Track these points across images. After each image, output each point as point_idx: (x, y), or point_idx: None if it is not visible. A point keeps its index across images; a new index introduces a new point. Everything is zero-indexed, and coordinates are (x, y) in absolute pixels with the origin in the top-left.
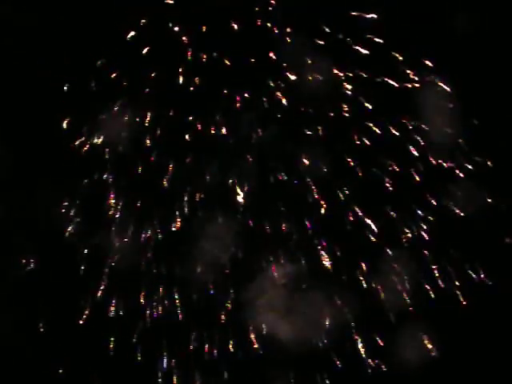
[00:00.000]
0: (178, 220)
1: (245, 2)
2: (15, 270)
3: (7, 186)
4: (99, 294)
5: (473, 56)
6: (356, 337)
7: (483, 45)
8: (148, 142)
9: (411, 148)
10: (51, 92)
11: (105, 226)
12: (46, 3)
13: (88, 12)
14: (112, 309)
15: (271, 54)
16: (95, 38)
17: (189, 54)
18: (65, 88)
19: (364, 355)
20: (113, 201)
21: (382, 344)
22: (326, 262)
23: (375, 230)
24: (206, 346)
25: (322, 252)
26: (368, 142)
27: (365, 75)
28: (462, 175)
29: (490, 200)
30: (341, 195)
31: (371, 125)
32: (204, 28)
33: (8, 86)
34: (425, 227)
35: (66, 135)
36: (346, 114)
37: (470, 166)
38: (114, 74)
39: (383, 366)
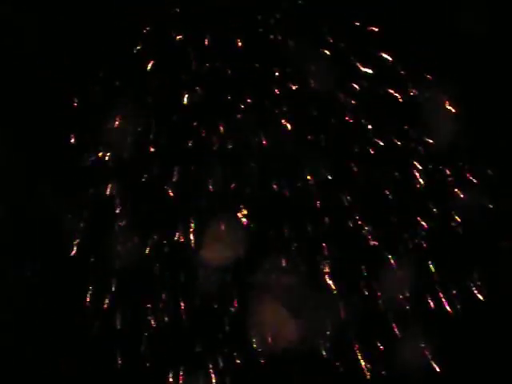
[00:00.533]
0: (182, 229)
1: (247, 11)
2: (17, 275)
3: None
4: (106, 302)
5: (477, 67)
6: (356, 343)
7: (488, 55)
8: (151, 149)
9: (413, 157)
10: (52, 94)
11: (110, 236)
12: (46, 3)
13: (88, 13)
14: (118, 317)
15: (275, 62)
16: (96, 38)
17: (192, 62)
18: (75, 104)
19: (363, 360)
20: (117, 210)
21: (381, 350)
22: (327, 269)
23: (377, 237)
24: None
25: (323, 258)
26: (371, 151)
27: (367, 84)
28: (463, 183)
29: (491, 206)
30: (344, 201)
31: (374, 134)
32: (207, 39)
33: (8, 87)
34: (426, 236)
35: (66, 139)
36: (351, 120)
37: (471, 177)
38: (115, 76)
39: (383, 372)
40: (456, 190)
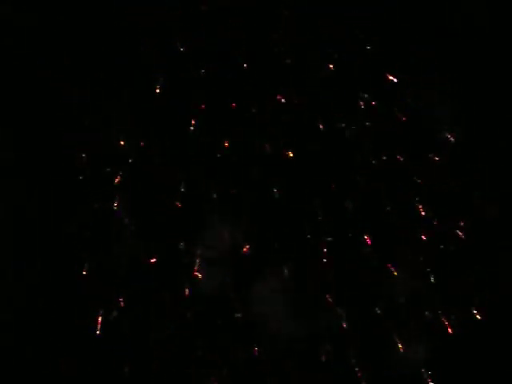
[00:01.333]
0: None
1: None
2: (17, 275)
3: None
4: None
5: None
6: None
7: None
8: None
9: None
10: (52, 94)
11: (115, 248)
12: (46, 3)
13: (88, 13)
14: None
15: (277, 71)
16: (96, 38)
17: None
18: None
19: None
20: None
21: (379, 357)
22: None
23: (376, 249)
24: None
25: (323, 267)
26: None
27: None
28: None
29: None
30: (345, 210)
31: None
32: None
33: (8, 87)
34: (426, 246)
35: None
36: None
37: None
38: (116, 78)
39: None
40: (457, 198)
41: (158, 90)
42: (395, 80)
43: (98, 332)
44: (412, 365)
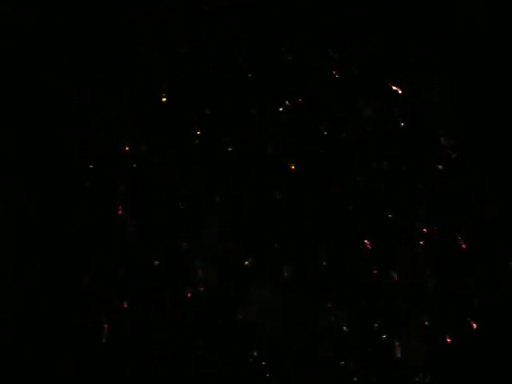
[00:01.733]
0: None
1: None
2: (17, 275)
3: (6, 188)
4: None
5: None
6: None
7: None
8: (156, 161)
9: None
10: (52, 94)
11: (115, 248)
12: (46, 3)
13: (88, 13)
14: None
15: (279, 70)
16: (96, 38)
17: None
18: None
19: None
20: (124, 222)
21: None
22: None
23: (376, 249)
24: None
25: (323, 267)
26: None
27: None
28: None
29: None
30: (345, 212)
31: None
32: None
33: (8, 87)
34: (426, 251)
35: (66, 141)
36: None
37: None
38: (115, 78)
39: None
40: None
41: (158, 91)
42: (395, 80)
43: (97, 332)
44: (411, 366)
